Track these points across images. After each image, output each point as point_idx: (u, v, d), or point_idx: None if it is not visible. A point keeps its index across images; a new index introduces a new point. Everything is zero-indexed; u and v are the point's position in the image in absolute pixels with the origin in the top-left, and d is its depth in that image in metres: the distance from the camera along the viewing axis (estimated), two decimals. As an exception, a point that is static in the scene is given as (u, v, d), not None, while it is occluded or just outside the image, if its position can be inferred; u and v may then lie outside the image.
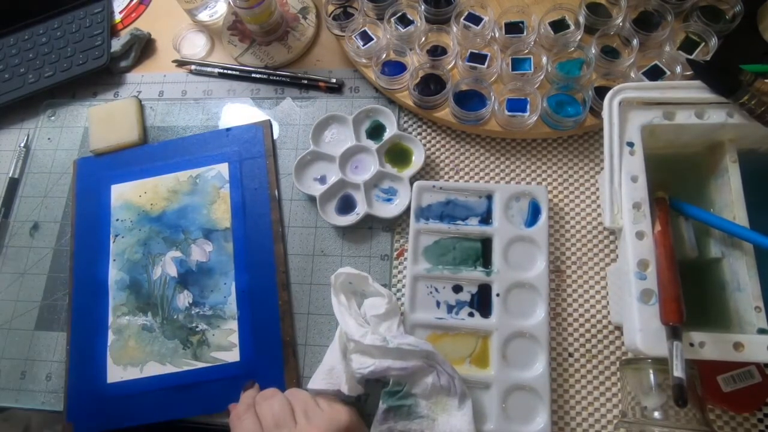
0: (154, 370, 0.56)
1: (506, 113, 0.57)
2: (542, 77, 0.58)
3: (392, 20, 0.63)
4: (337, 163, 0.60)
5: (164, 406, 0.55)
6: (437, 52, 0.63)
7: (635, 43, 0.57)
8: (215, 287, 0.59)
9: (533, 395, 0.49)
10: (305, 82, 0.67)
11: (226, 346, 0.56)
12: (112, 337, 0.58)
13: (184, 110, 0.69)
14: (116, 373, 0.57)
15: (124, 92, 0.71)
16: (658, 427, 0.42)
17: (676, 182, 0.50)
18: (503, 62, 0.59)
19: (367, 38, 0.64)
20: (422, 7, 0.63)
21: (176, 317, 0.58)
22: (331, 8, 0.67)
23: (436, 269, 0.55)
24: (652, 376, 0.44)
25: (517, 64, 0.60)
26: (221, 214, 0.62)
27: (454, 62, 0.61)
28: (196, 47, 0.72)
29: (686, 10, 0.60)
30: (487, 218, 0.56)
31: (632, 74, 0.56)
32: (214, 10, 0.73)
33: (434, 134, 0.63)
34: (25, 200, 0.67)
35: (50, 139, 0.70)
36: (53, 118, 0.72)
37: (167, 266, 0.60)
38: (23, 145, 0.70)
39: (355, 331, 0.49)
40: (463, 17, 0.62)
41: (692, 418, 0.41)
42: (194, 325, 0.57)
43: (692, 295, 0.42)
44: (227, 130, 0.66)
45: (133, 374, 0.56)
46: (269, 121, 0.66)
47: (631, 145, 0.46)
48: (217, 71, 0.70)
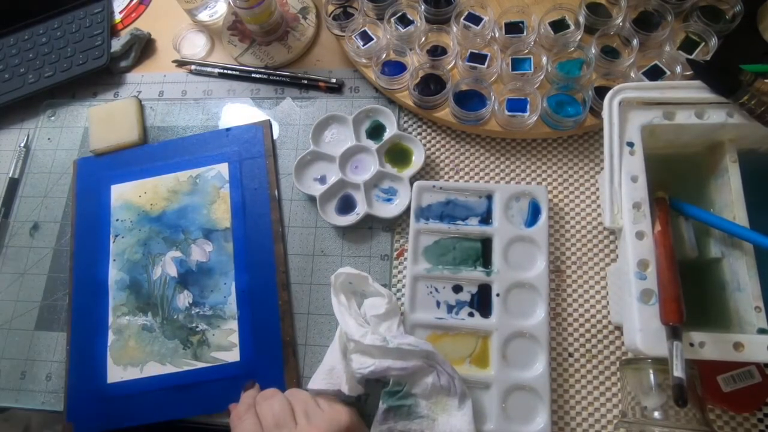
0: (154, 370, 0.56)
1: (506, 113, 0.57)
2: (542, 77, 0.58)
3: (392, 20, 0.63)
4: (337, 163, 0.60)
5: (164, 406, 0.55)
6: (437, 52, 0.63)
7: (635, 43, 0.57)
8: (215, 287, 0.59)
9: (533, 395, 0.49)
10: (305, 82, 0.67)
11: (226, 346, 0.56)
12: (112, 337, 0.58)
13: (184, 110, 0.69)
14: (116, 373, 0.57)
15: (124, 92, 0.71)
16: (658, 427, 0.42)
17: (676, 182, 0.50)
18: (503, 62, 0.59)
19: (367, 38, 0.64)
20: (422, 7, 0.63)
21: (176, 317, 0.58)
22: (331, 8, 0.67)
23: (436, 269, 0.55)
24: (652, 376, 0.44)
25: (517, 64, 0.60)
26: (221, 214, 0.62)
27: (454, 62, 0.61)
28: (196, 47, 0.72)
29: (686, 10, 0.60)
30: (487, 218, 0.56)
31: (632, 74, 0.56)
32: (214, 10, 0.73)
33: (434, 134, 0.63)
34: (25, 200, 0.67)
35: (50, 139, 0.70)
36: (53, 118, 0.72)
37: (167, 266, 0.60)
38: (23, 145, 0.70)
39: (355, 331, 0.49)
40: (463, 17, 0.62)
41: (692, 418, 0.41)
42: (194, 325, 0.57)
43: (692, 295, 0.42)
44: (227, 130, 0.66)
45: (133, 374, 0.56)
46: (269, 121, 0.66)
47: (631, 145, 0.46)
48: (217, 71, 0.70)
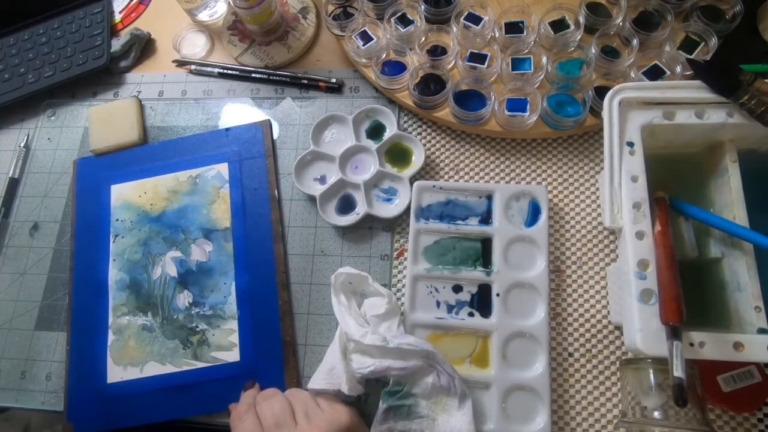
0: (154, 370, 0.56)
1: (506, 113, 0.57)
2: (542, 77, 0.58)
3: (392, 20, 0.63)
4: (337, 163, 0.60)
5: (164, 406, 0.55)
6: (437, 52, 0.63)
7: (635, 43, 0.57)
8: (215, 287, 0.59)
9: (533, 395, 0.49)
10: (305, 82, 0.67)
11: (226, 346, 0.56)
12: (112, 337, 0.58)
13: (184, 110, 0.69)
14: (116, 373, 0.57)
15: (124, 92, 0.71)
16: (658, 427, 0.42)
17: (676, 182, 0.50)
18: (503, 62, 0.59)
19: (367, 38, 0.64)
20: (422, 7, 0.63)
21: (176, 317, 0.58)
22: (331, 8, 0.67)
23: (436, 269, 0.55)
24: (652, 376, 0.44)
25: (517, 64, 0.60)
26: (221, 214, 0.62)
27: (454, 62, 0.61)
28: (196, 47, 0.72)
29: (686, 9, 0.60)
30: (487, 218, 0.56)
31: (632, 74, 0.56)
32: (214, 10, 0.73)
33: (434, 134, 0.63)
34: (25, 200, 0.67)
35: (50, 139, 0.70)
36: (53, 118, 0.72)
37: (167, 266, 0.60)
38: (23, 145, 0.70)
39: (355, 331, 0.49)
40: (463, 17, 0.62)
41: (692, 418, 0.41)
42: (194, 325, 0.57)
43: (692, 295, 0.42)
44: (227, 130, 0.66)
45: (133, 374, 0.56)
46: (269, 121, 0.66)
47: (631, 145, 0.46)
48: (217, 71, 0.70)
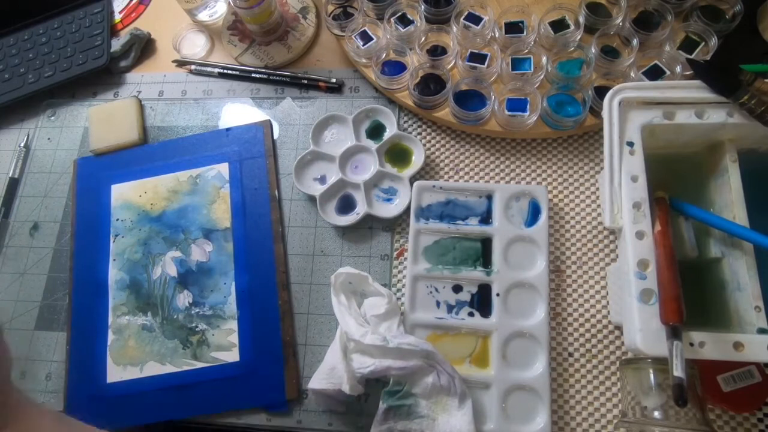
0: (153, 370, 0.56)
1: (506, 113, 0.57)
2: (542, 77, 0.58)
3: (392, 20, 0.63)
4: (337, 163, 0.60)
5: (164, 406, 0.55)
6: (437, 52, 0.63)
7: (635, 42, 0.57)
8: (215, 287, 0.59)
9: (533, 395, 0.49)
10: (305, 82, 0.67)
11: (225, 346, 0.56)
12: (112, 336, 0.58)
13: (184, 110, 0.69)
14: (116, 373, 0.57)
15: (124, 92, 0.71)
16: (658, 427, 0.42)
17: (676, 182, 0.50)
18: (503, 62, 0.59)
19: (367, 38, 0.64)
20: (422, 6, 0.63)
21: (176, 317, 0.58)
22: (331, 8, 0.67)
23: (436, 269, 0.55)
24: (652, 375, 0.44)
25: (517, 64, 0.60)
26: (221, 214, 0.62)
27: (454, 62, 0.61)
28: (196, 47, 0.72)
29: (686, 9, 0.60)
30: (487, 218, 0.56)
31: (632, 74, 0.56)
32: (214, 10, 0.73)
33: (434, 134, 0.63)
34: (25, 200, 0.67)
35: (50, 139, 0.70)
36: (53, 118, 0.72)
37: (167, 266, 0.60)
38: (23, 145, 0.70)
39: (355, 330, 0.49)
40: (463, 17, 0.62)
41: (692, 417, 0.41)
42: (194, 325, 0.57)
43: (692, 295, 0.42)
44: (227, 130, 0.66)
45: (132, 374, 0.56)
46: (269, 121, 0.66)
47: (631, 144, 0.46)
48: (217, 71, 0.70)
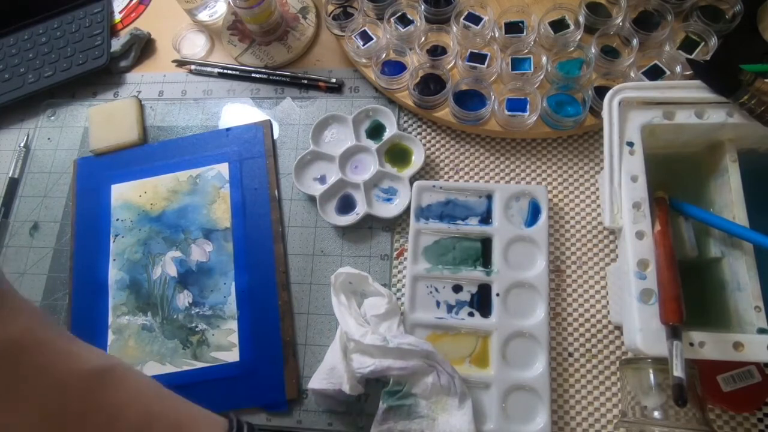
0: (153, 370, 0.56)
1: (506, 113, 0.57)
2: (542, 77, 0.58)
3: (392, 20, 0.63)
4: (336, 163, 0.60)
5: (164, 406, 0.55)
6: (437, 51, 0.63)
7: (635, 42, 0.57)
8: (215, 287, 0.59)
9: (533, 395, 0.49)
10: (305, 82, 0.67)
11: (225, 346, 0.56)
12: (111, 336, 0.58)
13: (184, 110, 0.69)
14: (116, 373, 0.57)
15: (123, 92, 0.71)
16: (658, 426, 0.42)
17: (676, 182, 0.50)
18: (503, 62, 0.59)
19: (367, 38, 0.64)
20: (422, 6, 0.63)
21: (176, 317, 0.58)
22: (331, 8, 0.67)
23: (436, 269, 0.55)
24: (652, 375, 0.44)
25: (517, 63, 0.60)
26: (221, 214, 0.62)
27: (454, 62, 0.61)
28: (196, 47, 0.72)
29: (686, 9, 0.60)
30: (487, 218, 0.56)
31: (632, 74, 0.56)
32: (213, 10, 0.73)
33: (434, 134, 0.63)
34: (25, 200, 0.67)
35: (50, 139, 0.70)
36: (53, 118, 0.72)
37: (167, 266, 0.60)
38: (23, 145, 0.70)
39: (355, 330, 0.49)
40: (463, 17, 0.62)
41: (692, 417, 0.41)
42: (194, 325, 0.57)
43: (692, 295, 0.42)
44: (227, 130, 0.66)
45: (133, 374, 0.56)
46: (269, 121, 0.66)
47: (631, 144, 0.46)
48: (216, 71, 0.70)
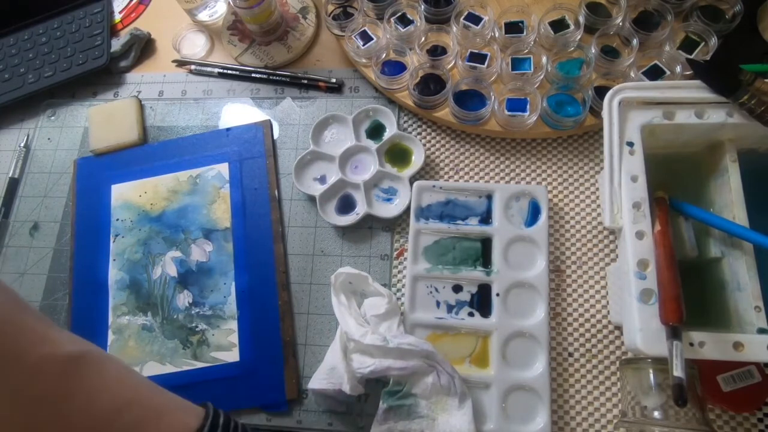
0: (153, 369, 0.56)
1: (506, 113, 0.57)
2: (542, 77, 0.58)
3: (392, 20, 0.63)
4: (336, 163, 0.60)
5: (164, 406, 0.55)
6: (437, 51, 0.63)
7: (635, 42, 0.57)
8: (215, 287, 0.59)
9: (533, 395, 0.49)
10: (305, 82, 0.67)
11: (225, 346, 0.56)
12: (112, 336, 0.58)
13: (184, 110, 0.69)
14: (116, 373, 0.57)
15: (123, 92, 0.71)
16: (658, 426, 0.42)
17: (676, 182, 0.50)
18: (503, 62, 0.59)
19: (367, 38, 0.64)
20: (422, 6, 0.63)
21: (176, 317, 0.58)
22: (331, 8, 0.67)
23: (436, 269, 0.55)
24: (652, 375, 0.44)
25: (517, 63, 0.60)
26: (221, 214, 0.62)
27: (454, 62, 0.61)
28: (196, 47, 0.72)
29: (686, 9, 0.60)
30: (487, 218, 0.56)
31: (632, 74, 0.56)
32: (213, 10, 0.73)
33: (434, 134, 0.63)
34: (25, 200, 0.67)
35: (50, 139, 0.70)
36: (53, 118, 0.72)
37: (167, 266, 0.60)
38: (23, 145, 0.70)
39: (355, 330, 0.49)
40: (463, 17, 0.62)
41: (692, 417, 0.41)
42: (194, 325, 0.57)
43: (692, 295, 0.42)
44: (227, 130, 0.66)
45: (133, 374, 0.56)
46: (269, 121, 0.66)
47: (631, 144, 0.46)
48: (217, 71, 0.70)
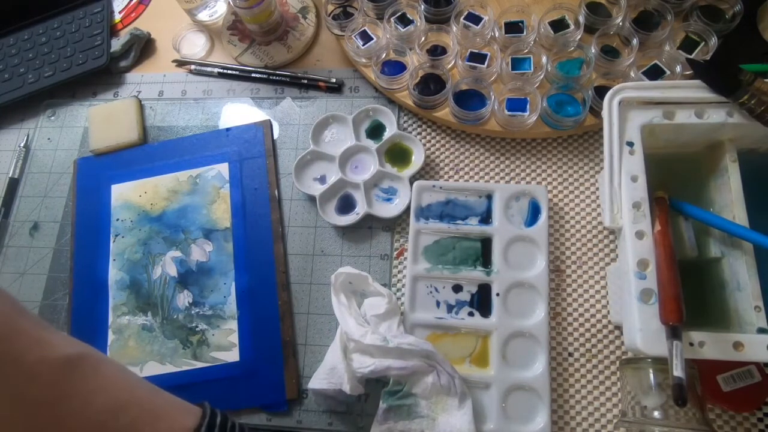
0: (153, 369, 0.56)
1: (506, 113, 0.57)
2: (542, 77, 0.58)
3: (392, 20, 0.63)
4: (336, 162, 0.60)
5: (164, 405, 0.55)
6: (437, 51, 0.63)
7: (635, 42, 0.57)
8: (215, 287, 0.59)
9: (533, 395, 0.49)
10: (305, 81, 0.67)
11: (225, 346, 0.56)
12: (112, 336, 0.58)
13: (183, 110, 0.69)
14: (116, 372, 0.57)
15: (123, 92, 0.71)
16: (658, 426, 0.42)
17: (676, 182, 0.50)
18: (503, 62, 0.59)
19: (366, 38, 0.64)
20: (422, 6, 0.63)
21: (176, 317, 0.58)
22: (330, 8, 0.67)
23: (435, 269, 0.55)
24: (651, 375, 0.44)
25: (516, 63, 0.60)
26: (221, 214, 0.62)
27: (453, 62, 0.61)
28: (195, 47, 0.72)
29: (686, 9, 0.60)
30: (486, 218, 0.56)
31: (632, 74, 0.56)
32: (213, 10, 0.73)
33: (434, 134, 0.63)
34: (25, 200, 0.67)
35: (50, 139, 0.70)
36: (53, 118, 0.72)
37: (167, 266, 0.60)
38: (23, 145, 0.70)
39: (355, 330, 0.49)
40: (462, 17, 0.62)
41: (692, 417, 0.41)
42: (194, 324, 0.57)
43: (692, 294, 0.42)
44: (227, 130, 0.66)
45: (133, 374, 0.56)
46: (269, 121, 0.66)
47: (630, 144, 0.46)
48: (216, 71, 0.70)
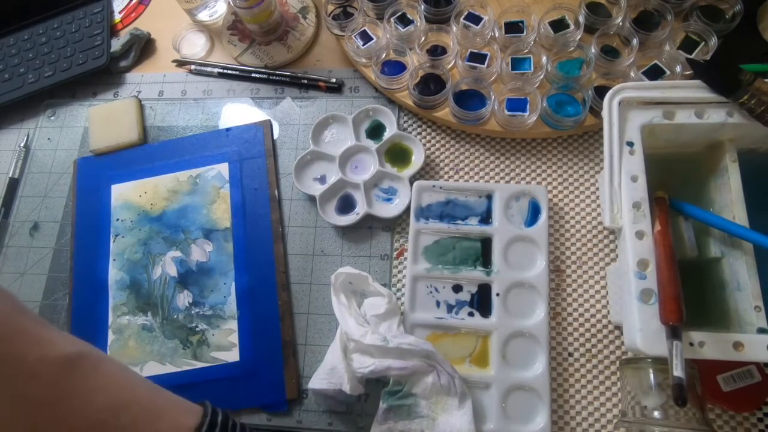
0: (153, 369, 0.56)
1: (506, 113, 0.57)
2: (542, 77, 0.58)
3: (392, 20, 0.63)
4: (337, 162, 0.60)
5: (164, 405, 0.55)
6: (437, 51, 0.63)
7: (635, 42, 0.57)
8: (215, 287, 0.59)
9: (533, 395, 0.49)
10: (305, 81, 0.67)
11: (225, 346, 0.56)
12: (112, 336, 0.58)
13: (183, 110, 0.69)
14: (116, 373, 0.57)
15: (123, 92, 0.71)
16: (658, 426, 0.42)
17: (676, 182, 0.50)
18: (503, 62, 0.59)
19: (366, 38, 0.64)
20: (422, 6, 0.63)
21: (176, 317, 0.58)
22: (330, 8, 0.67)
23: (435, 269, 0.55)
24: (651, 375, 0.44)
25: (516, 63, 0.60)
26: (221, 214, 0.62)
27: (453, 62, 0.61)
28: (195, 47, 0.72)
29: (686, 9, 0.60)
30: (486, 218, 0.56)
31: (632, 74, 0.56)
32: (213, 10, 0.73)
33: (434, 134, 0.63)
34: (25, 200, 0.67)
35: (50, 139, 0.70)
36: (53, 118, 0.72)
37: (167, 266, 0.60)
38: (23, 145, 0.70)
39: (355, 330, 0.49)
40: (462, 17, 0.62)
41: (692, 417, 0.41)
42: (194, 324, 0.57)
43: (692, 294, 0.42)
44: (227, 130, 0.66)
45: (133, 374, 0.56)
46: (269, 121, 0.66)
47: (630, 144, 0.46)
48: (216, 71, 0.70)
